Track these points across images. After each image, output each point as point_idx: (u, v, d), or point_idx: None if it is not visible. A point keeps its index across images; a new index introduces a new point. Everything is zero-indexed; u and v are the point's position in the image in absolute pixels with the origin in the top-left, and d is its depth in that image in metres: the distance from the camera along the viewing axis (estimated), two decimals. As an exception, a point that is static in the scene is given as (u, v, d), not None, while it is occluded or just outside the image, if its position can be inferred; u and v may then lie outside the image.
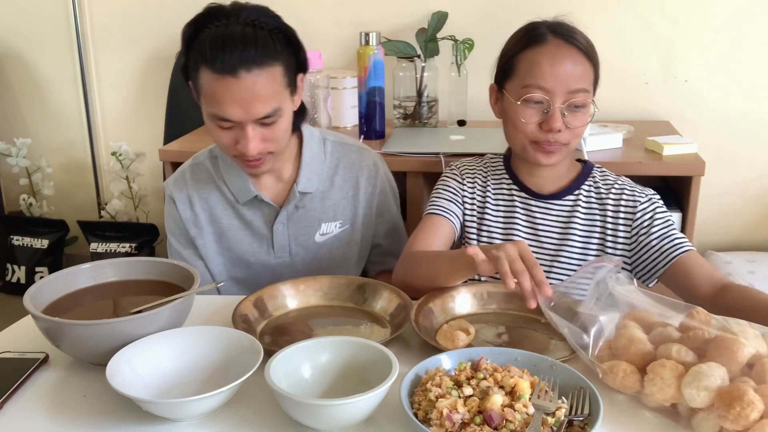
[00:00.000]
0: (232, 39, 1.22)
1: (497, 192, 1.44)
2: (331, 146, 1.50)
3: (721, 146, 2.43)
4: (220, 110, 1.25)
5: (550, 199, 1.40)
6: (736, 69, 2.41)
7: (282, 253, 1.48)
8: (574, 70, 1.29)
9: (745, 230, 2.54)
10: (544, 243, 1.40)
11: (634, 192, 1.38)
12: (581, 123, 1.31)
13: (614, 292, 1.04)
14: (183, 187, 1.49)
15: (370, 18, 2.53)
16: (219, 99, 1.24)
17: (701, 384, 0.84)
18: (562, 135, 1.30)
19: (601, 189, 1.41)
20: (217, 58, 1.22)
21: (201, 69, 1.25)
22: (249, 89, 1.23)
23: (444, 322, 1.14)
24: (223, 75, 1.22)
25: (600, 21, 2.42)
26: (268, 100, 1.26)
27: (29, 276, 2.95)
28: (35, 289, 1.05)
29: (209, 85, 1.24)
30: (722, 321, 0.97)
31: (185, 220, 1.48)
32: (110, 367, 0.91)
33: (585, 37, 1.33)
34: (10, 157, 2.89)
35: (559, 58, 1.29)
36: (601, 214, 1.39)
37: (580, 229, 1.38)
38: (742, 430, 0.81)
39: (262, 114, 1.26)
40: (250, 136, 1.27)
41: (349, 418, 0.87)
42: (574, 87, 1.28)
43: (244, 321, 1.13)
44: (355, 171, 1.50)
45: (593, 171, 1.44)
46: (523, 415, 0.82)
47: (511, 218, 1.42)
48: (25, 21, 2.85)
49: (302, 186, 1.44)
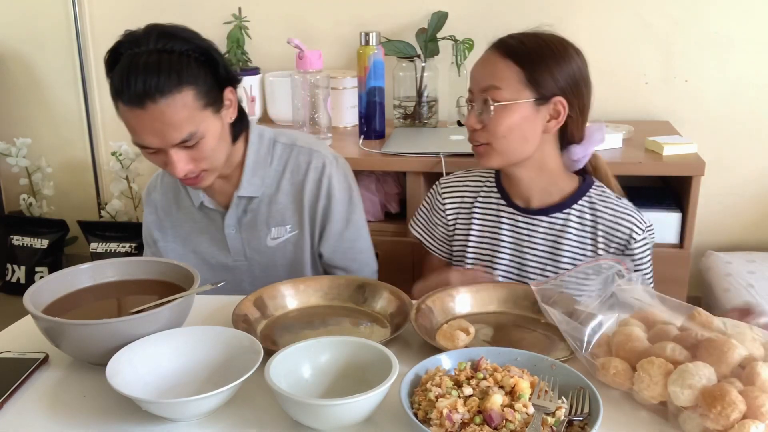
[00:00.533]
0: (136, 69, 1.20)
1: (485, 207, 1.44)
2: (281, 149, 1.47)
3: (721, 146, 2.43)
4: (138, 139, 1.26)
5: (537, 214, 1.38)
6: (736, 69, 2.40)
7: (238, 256, 1.49)
8: (485, 68, 1.31)
9: (745, 230, 2.54)
10: (529, 259, 1.39)
11: (633, 226, 1.35)
12: (494, 121, 1.28)
13: (619, 292, 1.04)
14: (152, 191, 1.54)
15: (370, 18, 2.53)
16: (134, 129, 1.25)
17: (686, 382, 0.85)
18: (479, 134, 1.31)
19: (597, 210, 1.37)
20: (123, 91, 1.21)
21: (117, 101, 1.24)
22: (158, 118, 1.21)
23: (444, 322, 1.14)
24: (131, 107, 1.22)
25: (600, 21, 2.42)
26: (181, 126, 1.23)
27: (29, 276, 2.95)
28: (35, 289, 1.05)
29: (123, 115, 1.25)
30: (722, 323, 0.97)
31: (149, 222, 1.54)
32: (110, 367, 0.91)
33: (528, 39, 1.30)
34: (10, 157, 2.89)
35: (480, 59, 1.33)
36: (592, 235, 1.36)
37: (569, 248, 1.37)
38: (723, 429, 0.82)
39: (177, 140, 1.24)
40: (174, 159, 1.26)
41: (349, 418, 0.87)
42: (484, 83, 1.30)
43: (244, 321, 1.13)
44: (301, 174, 1.46)
45: (591, 189, 1.39)
46: (523, 415, 0.82)
47: (497, 233, 1.41)
48: (25, 21, 2.85)
49: (243, 191, 1.43)
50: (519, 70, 1.28)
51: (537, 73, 1.28)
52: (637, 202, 2.07)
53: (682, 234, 2.02)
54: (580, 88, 1.31)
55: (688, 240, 2.01)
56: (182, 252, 1.52)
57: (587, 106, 1.34)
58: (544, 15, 2.44)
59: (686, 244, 2.02)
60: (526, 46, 1.29)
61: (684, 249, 2.02)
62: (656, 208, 2.05)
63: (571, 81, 1.29)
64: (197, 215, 1.50)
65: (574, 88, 1.30)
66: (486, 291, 1.22)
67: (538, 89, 1.28)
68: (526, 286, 1.22)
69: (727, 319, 1.00)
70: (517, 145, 1.31)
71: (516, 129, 1.29)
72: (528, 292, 1.20)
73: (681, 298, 1.54)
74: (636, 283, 1.06)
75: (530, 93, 1.28)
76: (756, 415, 0.81)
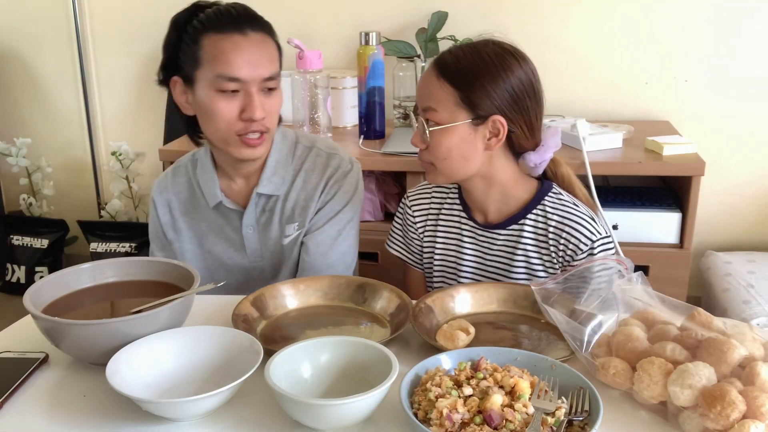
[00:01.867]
0: (236, 10, 1.31)
1: (448, 220, 1.43)
2: (301, 150, 1.48)
3: (721, 146, 2.43)
4: (228, 69, 1.27)
5: (494, 228, 1.37)
6: (736, 69, 2.41)
7: (254, 257, 1.49)
8: (423, 88, 1.31)
9: (745, 230, 2.54)
10: (491, 272, 1.39)
11: (580, 239, 1.30)
12: (433, 143, 1.27)
13: (619, 292, 1.04)
14: (164, 190, 1.51)
15: (370, 18, 2.53)
16: (228, 58, 1.27)
17: (685, 382, 0.85)
18: (423, 153, 1.32)
19: (549, 220, 1.33)
20: (224, 21, 1.28)
21: (204, 38, 1.28)
22: (256, 47, 1.29)
23: (444, 322, 1.14)
24: (231, 33, 1.28)
25: (600, 21, 2.42)
26: (271, 61, 1.32)
27: (29, 276, 2.95)
28: (35, 288, 1.05)
29: (216, 46, 1.28)
30: (722, 323, 0.97)
31: (164, 223, 1.51)
32: (110, 367, 0.91)
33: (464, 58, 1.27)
34: (10, 157, 2.89)
35: (421, 78, 1.35)
36: (545, 245, 1.34)
37: (522, 259, 1.35)
38: (723, 429, 0.82)
39: (267, 74, 1.30)
40: (257, 99, 1.30)
41: (349, 418, 0.87)
42: (422, 105, 1.30)
43: (244, 321, 1.13)
44: (318, 174, 1.45)
45: (546, 198, 1.34)
46: (523, 415, 0.82)
47: (459, 248, 1.42)
48: (25, 21, 2.85)
49: (262, 188, 1.43)
50: (453, 90, 1.25)
51: (472, 94, 1.24)
52: (637, 202, 2.09)
53: (682, 234, 2.03)
54: (521, 102, 1.26)
55: (688, 240, 2.01)
56: (198, 252, 1.50)
57: (535, 117, 1.30)
58: (543, 15, 2.45)
59: (686, 244, 2.02)
60: (461, 65, 1.26)
61: (684, 249, 2.02)
62: (656, 208, 2.05)
63: (510, 97, 1.25)
64: (212, 215, 1.48)
65: (515, 104, 1.26)
66: (486, 291, 1.22)
67: (474, 110, 1.25)
68: (526, 286, 1.22)
69: (727, 319, 1.00)
70: (458, 165, 1.29)
71: (455, 150, 1.27)
72: (528, 292, 1.20)
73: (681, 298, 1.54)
74: (636, 283, 1.06)
75: (466, 114, 1.26)
76: (756, 415, 0.81)
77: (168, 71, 1.36)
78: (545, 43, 2.43)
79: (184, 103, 1.37)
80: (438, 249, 1.44)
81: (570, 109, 2.43)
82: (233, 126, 1.32)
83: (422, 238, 1.47)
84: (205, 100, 1.31)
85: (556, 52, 2.44)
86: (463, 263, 1.41)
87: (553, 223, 1.32)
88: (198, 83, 1.31)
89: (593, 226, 1.31)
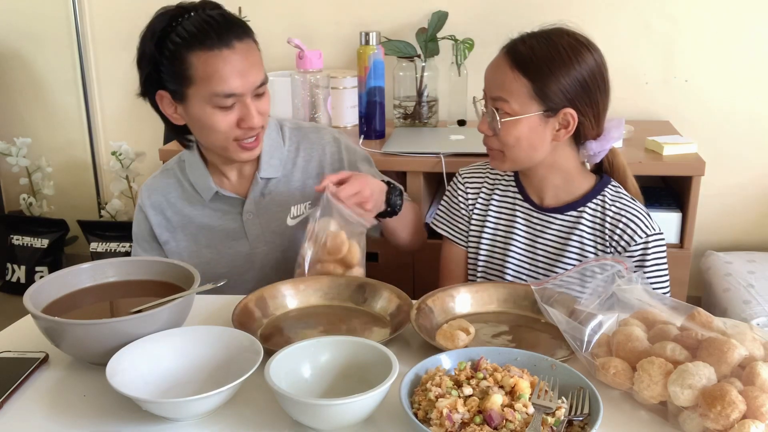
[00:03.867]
0: (214, 20, 1.29)
1: (502, 201, 1.45)
2: (289, 131, 1.53)
3: (721, 146, 2.43)
4: (222, 86, 1.28)
5: (551, 212, 1.39)
6: (736, 69, 2.40)
7: (257, 243, 1.49)
8: (495, 76, 1.31)
9: (745, 230, 2.54)
10: (540, 256, 1.41)
11: (636, 229, 1.33)
12: (503, 132, 1.29)
13: (619, 292, 1.04)
14: (153, 192, 1.52)
15: (370, 18, 2.53)
16: (220, 74, 1.28)
17: (686, 382, 0.85)
18: (491, 140, 1.33)
19: (607, 210, 1.36)
20: (208, 36, 1.27)
21: (190, 55, 1.27)
22: (244, 57, 1.30)
23: (444, 322, 1.14)
24: (219, 49, 1.27)
25: (600, 21, 2.42)
26: (259, 68, 1.34)
27: (29, 276, 2.95)
28: (35, 288, 1.05)
29: (207, 65, 1.27)
30: (722, 323, 0.97)
31: (155, 225, 1.51)
32: (110, 366, 0.91)
33: (539, 48, 1.27)
34: (10, 157, 2.89)
35: (493, 63, 1.33)
36: (601, 235, 1.36)
37: (577, 246, 1.37)
38: (723, 429, 0.82)
39: (258, 81, 1.32)
40: (253, 108, 1.32)
41: (349, 418, 0.87)
42: (493, 93, 1.31)
43: (244, 321, 1.13)
44: (318, 150, 1.52)
45: (606, 189, 1.38)
46: (523, 415, 0.82)
47: (511, 229, 1.42)
48: (25, 21, 2.85)
49: (264, 172, 1.46)
50: (527, 82, 1.26)
51: (546, 87, 1.26)
52: (637, 202, 2.09)
53: (682, 234, 2.03)
54: (592, 93, 1.28)
55: (688, 240, 2.01)
56: (195, 249, 1.51)
57: (603, 106, 1.32)
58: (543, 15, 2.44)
59: (686, 244, 2.02)
60: (535, 56, 1.26)
61: (684, 249, 2.02)
62: (656, 208, 2.05)
63: (582, 89, 1.27)
64: (209, 208, 1.49)
65: (585, 95, 1.28)
66: (486, 291, 1.22)
67: (546, 102, 1.27)
68: (527, 286, 1.22)
69: (727, 319, 1.00)
70: (525, 154, 1.32)
71: (524, 139, 1.29)
72: (528, 292, 1.20)
73: (681, 298, 1.54)
74: (636, 283, 1.06)
75: (538, 106, 1.27)
76: (756, 415, 0.81)
77: (151, 85, 1.36)
78: (545, 43, 2.43)
79: (173, 114, 1.38)
80: (488, 228, 1.45)
81: (570, 109, 2.43)
82: (231, 134, 1.34)
83: (471, 215, 1.47)
84: (200, 115, 1.33)
85: (556, 52, 2.44)
86: (513, 244, 1.42)
87: (611, 213, 1.35)
88: (190, 99, 1.32)
89: (650, 221, 1.35)
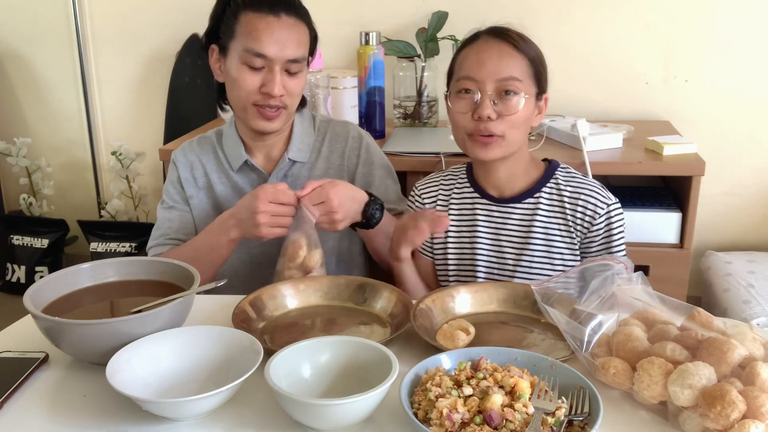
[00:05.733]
0: None
1: (461, 202, 1.47)
2: (319, 122, 1.63)
3: (721, 146, 2.43)
4: (257, 45, 1.39)
5: (510, 203, 1.42)
6: (735, 69, 2.41)
7: None
8: (501, 59, 1.32)
9: (745, 230, 2.54)
10: (506, 247, 1.43)
11: (596, 202, 1.38)
12: (514, 111, 1.31)
13: (619, 292, 1.04)
14: (188, 152, 1.62)
15: (370, 18, 2.53)
16: (258, 35, 1.39)
17: (685, 382, 0.85)
18: (495, 125, 1.32)
19: (563, 191, 1.40)
20: (263, 3, 1.40)
21: (242, 14, 1.41)
22: (286, 30, 1.40)
23: (444, 322, 1.14)
24: (266, 14, 1.39)
25: (600, 21, 2.42)
26: (299, 45, 1.42)
27: (29, 275, 2.95)
28: (35, 288, 1.05)
29: (250, 23, 1.40)
30: (722, 323, 0.97)
31: (184, 179, 1.59)
32: (110, 366, 0.91)
33: (523, 37, 1.36)
34: (10, 157, 2.89)
35: (485, 49, 1.34)
36: (562, 215, 1.40)
37: (541, 231, 1.40)
38: (723, 429, 0.82)
39: (292, 55, 1.41)
40: (278, 77, 1.41)
41: (349, 418, 0.87)
42: (503, 75, 1.31)
43: (244, 321, 1.13)
44: (341, 142, 1.60)
45: (557, 171, 1.43)
46: (523, 415, 0.82)
47: (474, 226, 1.44)
48: (25, 21, 2.85)
49: (293, 154, 1.55)
50: (529, 64, 1.33)
51: (539, 70, 1.35)
52: (637, 202, 2.09)
53: (682, 234, 2.02)
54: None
55: (688, 240, 2.01)
56: (213, 215, 1.54)
57: None
58: (543, 15, 2.45)
59: (686, 244, 2.02)
60: (527, 43, 1.35)
61: (684, 249, 2.02)
62: (656, 208, 2.05)
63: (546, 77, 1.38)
64: (233, 181, 1.57)
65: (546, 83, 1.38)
66: (486, 291, 1.22)
67: (539, 85, 1.36)
68: (527, 286, 1.22)
69: (727, 319, 1.00)
70: (523, 136, 1.37)
71: (526, 121, 1.35)
72: (528, 292, 1.20)
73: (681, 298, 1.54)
74: (636, 283, 1.06)
75: (535, 89, 1.35)
76: (756, 415, 0.81)
77: (209, 39, 1.50)
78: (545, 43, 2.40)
79: (216, 69, 1.50)
80: (452, 231, 1.47)
81: (570, 109, 2.43)
82: (252, 97, 1.44)
83: None
84: (232, 70, 1.44)
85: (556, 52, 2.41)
86: (479, 241, 1.43)
87: (567, 194, 1.40)
88: (230, 53, 1.44)
89: (605, 192, 1.40)
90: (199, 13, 2.64)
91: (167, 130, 2.77)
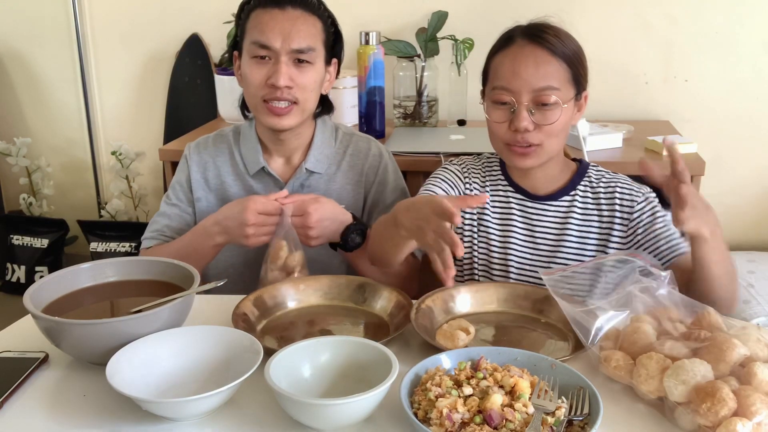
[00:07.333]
0: None
1: (494, 193, 1.44)
2: (342, 134, 1.60)
3: (721, 146, 2.43)
4: (261, 37, 1.40)
5: (545, 200, 1.40)
6: (736, 69, 2.41)
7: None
8: (537, 68, 1.27)
9: (745, 230, 2.54)
10: (541, 244, 1.40)
11: (631, 191, 1.37)
12: (551, 121, 1.28)
13: (634, 288, 1.04)
14: (202, 151, 1.58)
15: (370, 18, 2.53)
16: (263, 27, 1.40)
17: (680, 378, 0.86)
18: (532, 135, 1.29)
19: (596, 188, 1.40)
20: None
21: (252, 13, 1.43)
22: (291, 21, 1.40)
23: (444, 322, 1.14)
24: (271, 8, 1.41)
25: (600, 21, 2.42)
26: (305, 36, 1.41)
27: (29, 275, 2.95)
28: (35, 288, 1.05)
29: (257, 18, 1.41)
30: (730, 323, 0.98)
31: (194, 181, 1.56)
32: (110, 366, 0.91)
33: (561, 36, 1.31)
34: (10, 157, 2.89)
35: (520, 58, 1.29)
36: (597, 213, 1.39)
37: (576, 229, 1.38)
38: (711, 425, 0.83)
39: (297, 46, 1.40)
40: (283, 68, 1.40)
41: (349, 418, 0.87)
42: (539, 85, 1.27)
43: (244, 321, 1.13)
44: (361, 158, 1.57)
45: (589, 170, 1.43)
46: (523, 415, 0.82)
47: (509, 220, 1.42)
48: (25, 21, 2.85)
49: (310, 164, 1.52)
50: (567, 68, 1.30)
51: (578, 72, 1.32)
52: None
53: (681, 234, 2.02)
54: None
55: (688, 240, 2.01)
56: None
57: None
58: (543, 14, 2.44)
59: (686, 243, 2.01)
60: (565, 44, 1.30)
61: (684, 249, 2.02)
62: (656, 208, 2.05)
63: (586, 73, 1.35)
64: (248, 185, 1.54)
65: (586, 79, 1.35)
66: (486, 291, 1.22)
67: (577, 86, 1.32)
68: (527, 286, 1.22)
69: (736, 320, 1.00)
70: (561, 143, 1.35)
71: (564, 128, 1.33)
72: (528, 291, 1.20)
73: (681, 298, 1.54)
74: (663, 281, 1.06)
75: (574, 91, 1.32)
76: (746, 414, 0.82)
77: (233, 47, 1.52)
78: (545, 43, 2.43)
79: (238, 75, 1.50)
80: (484, 225, 1.42)
81: (570, 109, 2.43)
82: (260, 91, 1.42)
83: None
84: (243, 67, 1.45)
85: (556, 52, 2.44)
86: (513, 235, 1.41)
87: (601, 190, 1.39)
88: (243, 52, 1.45)
89: (637, 183, 1.39)
90: (199, 13, 2.65)
91: (167, 130, 2.77)
